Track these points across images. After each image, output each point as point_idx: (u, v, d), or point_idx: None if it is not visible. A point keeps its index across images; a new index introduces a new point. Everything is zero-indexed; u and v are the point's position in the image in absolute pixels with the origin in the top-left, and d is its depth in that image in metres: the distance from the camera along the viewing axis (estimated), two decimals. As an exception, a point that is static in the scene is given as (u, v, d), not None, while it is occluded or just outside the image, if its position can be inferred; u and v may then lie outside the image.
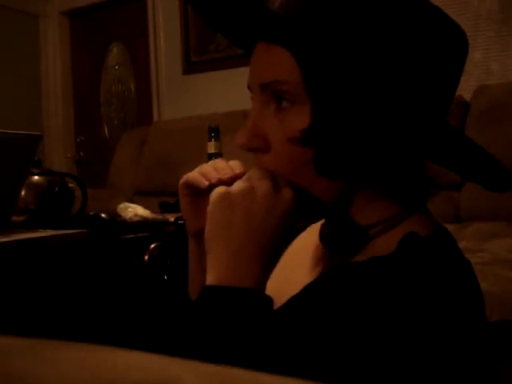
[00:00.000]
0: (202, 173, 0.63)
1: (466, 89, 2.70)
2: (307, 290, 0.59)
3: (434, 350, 0.49)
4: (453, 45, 0.56)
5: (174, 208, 1.67)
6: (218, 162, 0.63)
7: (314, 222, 0.71)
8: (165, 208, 1.73)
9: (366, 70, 0.52)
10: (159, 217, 1.44)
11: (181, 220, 1.37)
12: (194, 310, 0.54)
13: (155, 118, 4.00)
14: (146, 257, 1.12)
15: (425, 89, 0.54)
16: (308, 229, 0.72)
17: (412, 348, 0.48)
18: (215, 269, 0.55)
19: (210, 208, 0.56)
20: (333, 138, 0.54)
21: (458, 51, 0.58)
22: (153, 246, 1.14)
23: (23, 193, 1.27)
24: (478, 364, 0.52)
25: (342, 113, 0.53)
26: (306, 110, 0.54)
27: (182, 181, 0.65)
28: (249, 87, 0.59)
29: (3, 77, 4.09)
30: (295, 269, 0.66)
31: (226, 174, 0.60)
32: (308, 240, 0.69)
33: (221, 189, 0.56)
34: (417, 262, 0.53)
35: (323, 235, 0.66)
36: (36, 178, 1.35)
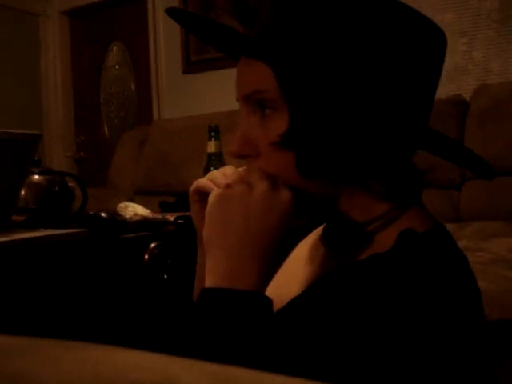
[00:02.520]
0: (211, 179, 0.65)
1: (465, 88, 2.70)
2: (309, 291, 0.59)
3: (433, 350, 0.49)
4: (428, 43, 0.57)
5: (174, 207, 1.67)
6: (227, 168, 0.66)
7: (312, 221, 0.71)
8: (165, 207, 1.73)
9: (336, 76, 0.54)
10: (159, 216, 1.43)
11: (181, 219, 1.37)
12: (192, 313, 0.55)
13: (155, 117, 4.00)
14: (146, 256, 1.12)
15: (398, 87, 0.55)
16: (312, 233, 0.72)
17: (412, 348, 0.49)
18: (214, 271, 0.55)
19: (207, 209, 0.57)
20: (310, 140, 0.56)
21: (434, 48, 0.58)
22: (153, 245, 1.14)
23: (23, 192, 1.27)
24: (474, 360, 0.52)
25: (316, 116, 0.55)
26: (285, 116, 0.57)
27: (191, 188, 0.67)
28: (237, 99, 0.62)
29: (3, 76, 4.09)
30: (298, 271, 0.67)
31: (234, 179, 0.61)
32: (311, 243, 0.69)
33: (219, 191, 0.57)
34: (414, 260, 0.53)
35: (324, 236, 0.66)
36: (36, 177, 1.35)
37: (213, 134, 1.51)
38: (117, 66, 4.35)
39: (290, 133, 0.56)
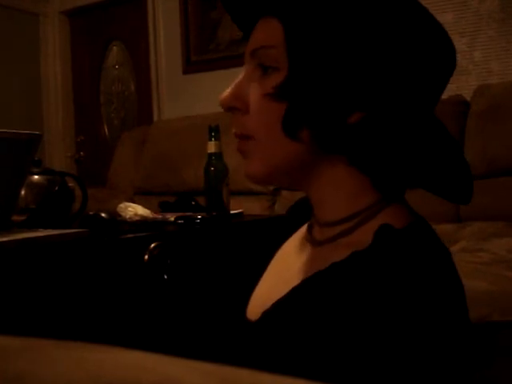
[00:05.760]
0: None
1: (466, 88, 2.70)
2: (293, 293, 0.59)
3: (417, 350, 0.49)
4: (436, 40, 0.57)
5: (174, 207, 1.67)
6: None
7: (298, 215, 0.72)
8: (165, 207, 1.73)
9: (342, 40, 0.55)
10: (159, 216, 1.43)
11: (181, 220, 1.37)
12: None
13: (155, 117, 4.00)
14: (146, 256, 1.12)
15: (402, 67, 0.55)
16: (301, 228, 0.72)
17: (395, 349, 0.48)
18: None
19: None
20: (303, 94, 0.56)
21: (443, 50, 0.58)
22: (153, 245, 1.13)
23: (23, 192, 1.26)
24: (458, 358, 0.52)
25: (314, 73, 0.56)
26: (284, 75, 0.58)
27: None
28: (245, 59, 0.63)
29: (3, 76, 4.09)
30: (287, 269, 0.67)
31: None
32: (300, 239, 0.69)
33: None
34: (393, 258, 0.53)
35: (309, 230, 0.66)
36: (36, 177, 1.35)
37: (213, 134, 1.51)
38: (117, 66, 4.35)
39: (285, 84, 0.57)
